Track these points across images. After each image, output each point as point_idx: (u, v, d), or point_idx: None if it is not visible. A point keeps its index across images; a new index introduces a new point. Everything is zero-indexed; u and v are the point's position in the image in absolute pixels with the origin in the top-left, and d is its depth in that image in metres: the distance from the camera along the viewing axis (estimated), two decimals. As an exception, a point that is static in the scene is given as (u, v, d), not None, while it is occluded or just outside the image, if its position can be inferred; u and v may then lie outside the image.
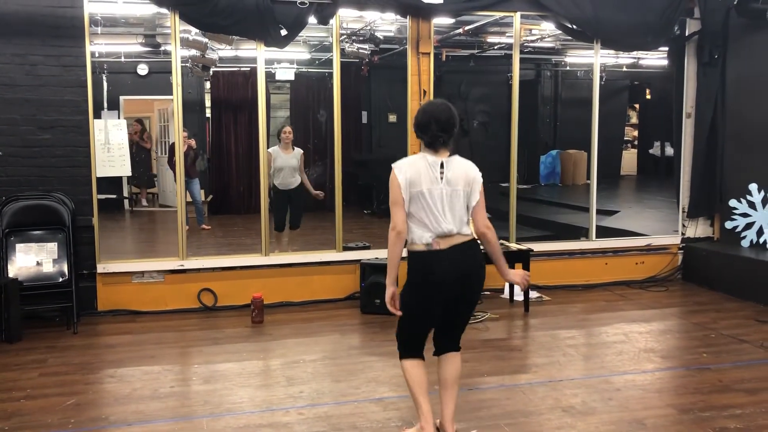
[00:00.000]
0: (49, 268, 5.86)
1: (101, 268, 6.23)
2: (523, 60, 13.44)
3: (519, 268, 6.54)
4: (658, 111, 12.97)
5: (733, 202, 7.42)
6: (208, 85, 12.36)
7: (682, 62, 7.65)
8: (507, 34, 7.38)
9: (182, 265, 6.45)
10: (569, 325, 6.02)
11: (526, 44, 11.12)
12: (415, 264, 3.48)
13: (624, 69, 14.14)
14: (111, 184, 11.07)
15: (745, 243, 7.35)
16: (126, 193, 12.07)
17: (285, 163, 7.44)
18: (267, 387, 4.61)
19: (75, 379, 4.72)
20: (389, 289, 3.51)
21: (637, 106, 16.79)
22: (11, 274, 5.74)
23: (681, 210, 7.78)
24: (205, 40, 7.92)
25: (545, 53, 13.41)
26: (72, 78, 6.04)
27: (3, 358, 5.12)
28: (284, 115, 13.05)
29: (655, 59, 12.37)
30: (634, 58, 13.05)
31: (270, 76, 12.05)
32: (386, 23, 8.92)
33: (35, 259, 5.85)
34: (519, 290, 6.55)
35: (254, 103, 6.78)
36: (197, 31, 7.11)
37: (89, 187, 6.14)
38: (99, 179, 6.32)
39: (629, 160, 16.46)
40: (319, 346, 5.46)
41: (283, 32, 6.39)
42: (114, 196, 11.63)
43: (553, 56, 13.96)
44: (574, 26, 7.23)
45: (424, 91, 6.83)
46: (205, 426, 3.97)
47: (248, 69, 11.67)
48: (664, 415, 4.09)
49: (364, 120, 12.66)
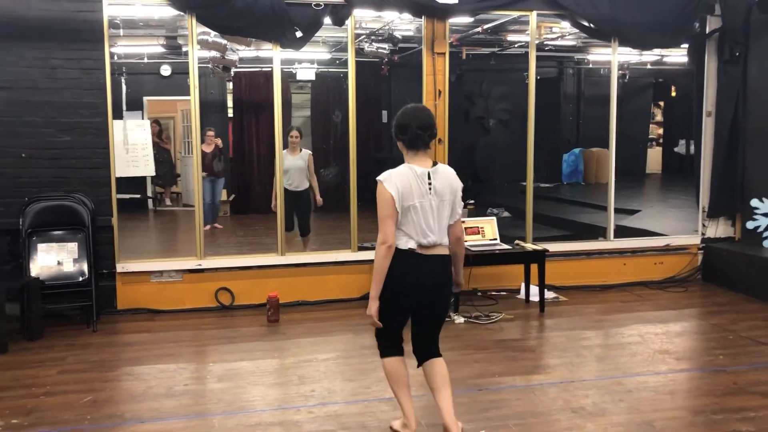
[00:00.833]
0: (69, 267, 5.98)
1: (120, 267, 6.33)
2: (544, 58, 13.28)
3: (534, 268, 6.54)
4: (683, 108, 12.79)
5: (754, 202, 7.31)
6: (230, 85, 12.50)
7: (702, 60, 7.54)
8: (527, 32, 7.32)
9: (200, 265, 6.53)
10: (584, 326, 5.98)
11: (546, 42, 11.05)
12: (394, 260, 3.49)
13: (648, 66, 13.99)
14: (135, 184, 11.25)
15: (767, 243, 7.23)
16: (150, 193, 12.25)
17: (291, 165, 7.54)
18: (279, 385, 4.66)
19: (93, 376, 4.82)
20: (374, 303, 3.49)
21: (662, 103, 16.59)
22: (33, 273, 5.87)
23: (701, 210, 7.67)
24: (225, 41, 8.02)
25: (567, 51, 13.31)
26: (91, 80, 6.13)
27: (24, 356, 5.24)
28: (306, 115, 13.14)
29: (680, 56, 12.17)
30: (659, 55, 12.90)
31: (291, 76, 12.14)
32: (405, 23, 8.92)
33: (56, 258, 5.97)
34: (535, 292, 6.52)
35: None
36: (216, 33, 7.20)
37: (108, 188, 6.24)
38: (123, 179, 6.41)
39: (654, 158, 16.29)
40: (332, 345, 5.51)
41: (299, 34, 6.42)
42: (138, 196, 11.82)
43: (576, 54, 13.85)
44: (591, 25, 7.17)
45: (440, 91, 6.83)
46: (216, 424, 4.02)
47: (269, 69, 11.69)
48: (675, 417, 4.06)
49: (384, 119, 12.69)
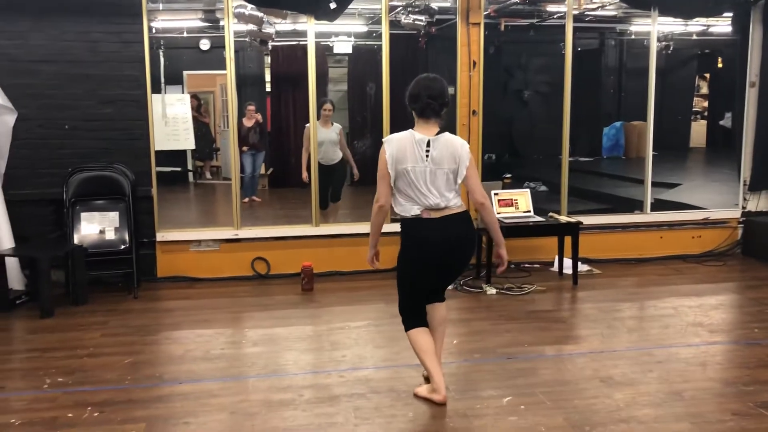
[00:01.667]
0: (111, 235, 6.18)
1: (160, 236, 6.51)
2: (585, 29, 12.94)
3: (568, 240, 6.50)
4: (729, 81, 12.42)
5: (798, 175, 7.13)
6: (268, 59, 12.55)
7: (747, 28, 7.34)
8: (566, 2, 7.20)
9: (236, 235, 6.68)
10: (617, 298, 5.95)
11: (586, 12, 10.81)
12: (405, 228, 3.70)
13: (694, 37, 13.57)
14: (176, 157, 11.46)
15: (810, 217, 7.07)
16: (190, 167, 12.47)
17: (324, 138, 7.68)
18: (312, 351, 4.78)
19: (133, 339, 5.00)
20: (370, 250, 3.92)
21: (708, 75, 16.12)
22: (77, 241, 6.08)
23: (742, 183, 7.51)
24: (261, 14, 8.05)
25: (609, 22, 13.00)
26: (131, 54, 6.27)
27: (69, 319, 5.46)
28: (343, 89, 13.14)
29: (726, 26, 11.77)
30: (704, 25, 12.50)
31: (328, 50, 12.14)
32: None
33: (98, 227, 6.18)
34: (568, 264, 6.49)
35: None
36: (252, 6, 7.24)
37: (148, 159, 6.39)
38: (164, 153, 6.56)
39: (699, 132, 15.87)
40: (363, 313, 5.61)
41: (333, 5, 6.46)
42: (179, 169, 12.04)
43: (617, 24, 13.52)
44: (631, -7, 7.03)
45: (474, 62, 6.79)
46: (250, 386, 4.15)
47: (306, 43, 11.75)
48: (705, 388, 4.04)
49: (422, 92, 12.60)
